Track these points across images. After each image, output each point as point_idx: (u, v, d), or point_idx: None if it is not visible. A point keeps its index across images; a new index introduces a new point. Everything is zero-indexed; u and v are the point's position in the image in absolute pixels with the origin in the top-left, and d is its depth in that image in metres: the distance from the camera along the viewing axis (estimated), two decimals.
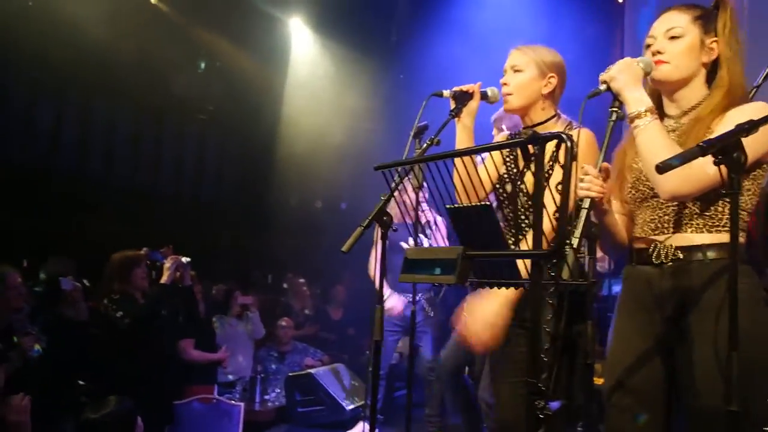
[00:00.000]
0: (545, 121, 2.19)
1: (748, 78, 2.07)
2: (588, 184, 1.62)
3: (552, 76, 2.19)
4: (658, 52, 1.77)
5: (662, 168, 1.32)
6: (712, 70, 1.79)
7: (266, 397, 5.10)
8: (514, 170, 2.17)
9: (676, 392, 1.73)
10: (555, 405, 1.36)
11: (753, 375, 1.53)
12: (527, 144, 1.37)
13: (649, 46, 1.81)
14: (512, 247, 1.98)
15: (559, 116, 2.23)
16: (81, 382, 3.71)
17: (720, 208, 1.69)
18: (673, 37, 1.76)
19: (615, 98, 1.72)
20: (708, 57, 1.77)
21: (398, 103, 6.56)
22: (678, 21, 1.77)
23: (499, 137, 3.14)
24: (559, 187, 1.31)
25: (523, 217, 2.12)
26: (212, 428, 4.24)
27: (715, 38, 1.77)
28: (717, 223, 1.69)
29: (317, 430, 4.67)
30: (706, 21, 1.77)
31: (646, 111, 1.66)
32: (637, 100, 1.67)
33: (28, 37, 5.96)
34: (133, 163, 7.82)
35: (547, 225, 1.53)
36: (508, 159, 2.23)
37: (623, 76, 1.67)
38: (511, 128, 3.04)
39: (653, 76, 1.78)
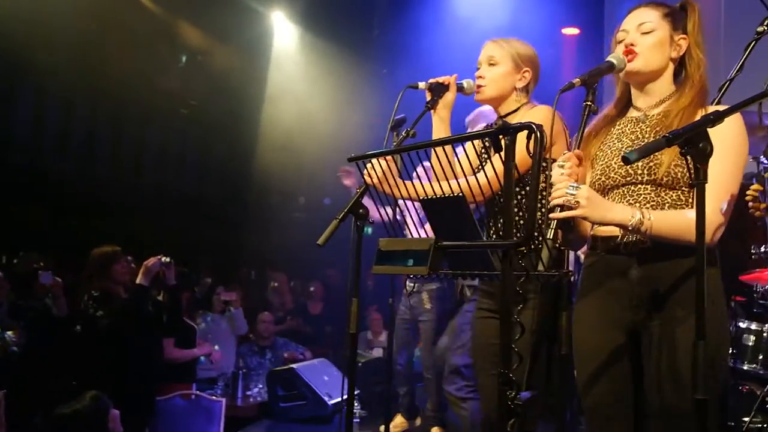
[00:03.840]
0: (516, 110, 2.22)
1: (722, 72, 2.13)
2: (569, 170, 1.65)
3: (526, 71, 2.23)
4: (631, 44, 1.82)
5: (629, 159, 1.34)
6: (678, 65, 1.87)
7: (248, 392, 5.08)
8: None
9: (642, 382, 1.76)
10: (526, 395, 1.37)
11: (714, 364, 1.57)
12: (498, 134, 1.38)
13: (621, 40, 1.86)
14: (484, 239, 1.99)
15: (531, 104, 2.25)
16: (57, 378, 3.69)
17: (690, 199, 1.71)
18: (644, 32, 1.82)
19: (588, 93, 1.75)
20: (676, 53, 1.84)
21: (381, 97, 6.55)
22: (649, 17, 1.84)
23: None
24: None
25: (496, 209, 2.13)
26: (194, 424, 4.23)
27: (683, 35, 1.84)
28: None
29: (299, 425, 4.67)
30: (675, 18, 1.85)
31: (638, 216, 1.63)
32: (623, 215, 1.64)
33: (7, 32, 5.88)
34: (115, 158, 7.76)
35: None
36: (482, 155, 2.24)
37: (596, 209, 1.62)
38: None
39: (626, 69, 1.82)
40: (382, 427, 3.69)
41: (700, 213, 1.35)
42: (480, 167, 2.22)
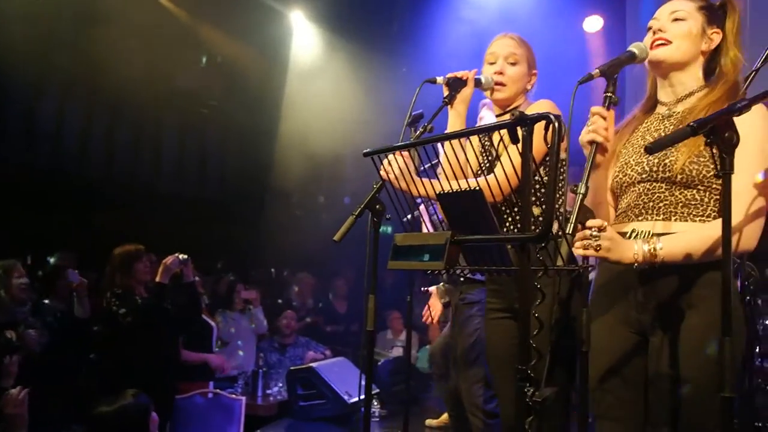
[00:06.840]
0: (517, 107, 2.21)
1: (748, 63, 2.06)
2: (595, 126, 1.61)
3: (534, 74, 2.25)
4: (660, 31, 1.78)
5: (652, 149, 1.31)
6: (710, 61, 1.80)
7: (268, 391, 5.09)
8: (491, 159, 2.15)
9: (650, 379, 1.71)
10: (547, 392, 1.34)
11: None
12: (515, 126, 1.34)
13: (650, 27, 1.82)
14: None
15: (528, 101, 2.24)
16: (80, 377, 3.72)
17: (706, 198, 1.67)
18: (676, 19, 1.78)
19: (609, 83, 1.71)
20: (708, 46, 1.79)
21: (401, 95, 6.51)
22: (683, 6, 1.80)
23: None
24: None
25: (502, 206, 2.10)
26: (214, 422, 4.25)
27: (716, 29, 1.79)
28: (701, 213, 1.67)
29: (319, 423, 4.66)
30: (711, 13, 1.80)
31: (647, 248, 1.60)
32: (635, 250, 1.61)
33: (29, 34, 5.96)
34: (135, 158, 7.83)
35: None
36: (484, 148, 2.21)
37: (615, 249, 1.59)
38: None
39: (651, 57, 1.77)
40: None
41: (726, 204, 1.31)
42: (486, 163, 2.19)
